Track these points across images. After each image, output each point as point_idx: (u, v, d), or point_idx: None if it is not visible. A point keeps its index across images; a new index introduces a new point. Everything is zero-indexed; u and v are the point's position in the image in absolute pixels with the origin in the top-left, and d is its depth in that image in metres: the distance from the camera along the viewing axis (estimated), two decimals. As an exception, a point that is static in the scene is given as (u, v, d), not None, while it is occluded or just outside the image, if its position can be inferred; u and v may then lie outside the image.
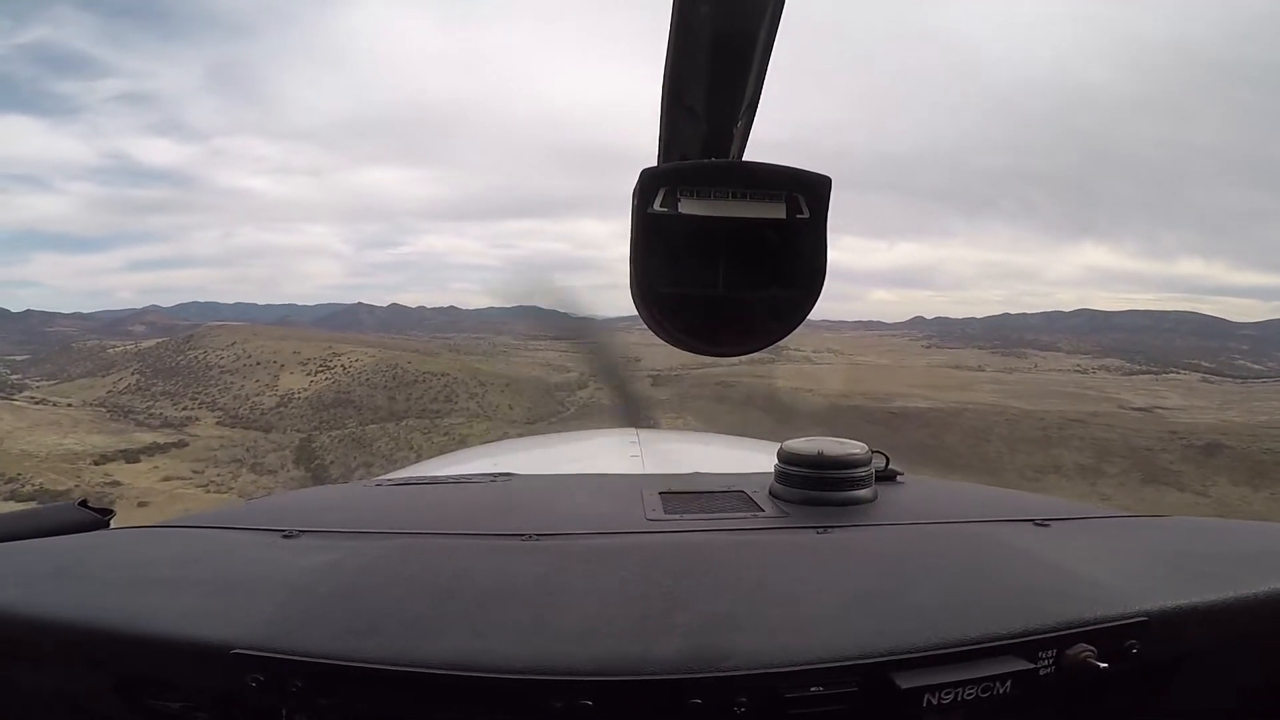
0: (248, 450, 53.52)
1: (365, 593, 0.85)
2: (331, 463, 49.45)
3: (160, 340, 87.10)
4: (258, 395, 67.89)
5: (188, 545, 1.07)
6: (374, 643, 0.73)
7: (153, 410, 67.38)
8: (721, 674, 0.70)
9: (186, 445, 54.95)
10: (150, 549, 1.05)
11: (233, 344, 76.36)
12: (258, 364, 72.25)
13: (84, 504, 1.17)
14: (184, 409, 67.25)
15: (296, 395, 67.22)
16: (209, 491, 44.69)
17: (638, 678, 0.69)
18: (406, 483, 1.58)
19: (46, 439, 54.63)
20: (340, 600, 0.83)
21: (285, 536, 1.06)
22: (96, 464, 49.25)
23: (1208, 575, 0.91)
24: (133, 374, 76.12)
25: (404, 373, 68.42)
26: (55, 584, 0.88)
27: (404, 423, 57.62)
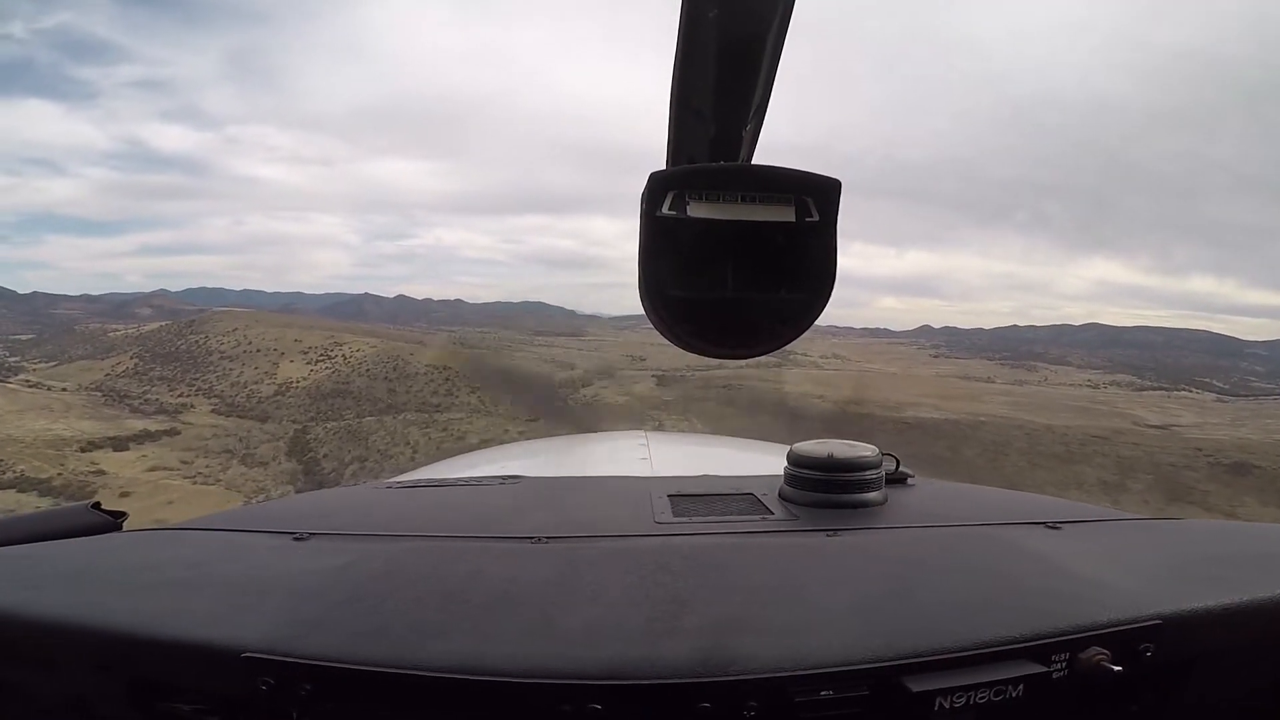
0: (240, 440, 51.73)
1: (375, 596, 0.85)
2: (325, 455, 47.65)
3: (163, 324, 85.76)
4: (256, 383, 66.26)
5: (199, 548, 1.07)
6: (383, 646, 0.73)
7: (148, 396, 65.81)
8: (731, 678, 0.69)
9: (178, 434, 53.20)
10: (161, 551, 1.05)
11: (234, 330, 74.85)
12: (258, 351, 70.63)
13: (96, 506, 1.18)
14: (180, 395, 65.65)
15: (295, 384, 65.57)
16: (195, 483, 42.90)
17: (647, 681, 0.69)
18: (416, 485, 1.55)
19: (35, 424, 53.01)
20: (350, 603, 0.83)
21: (296, 539, 1.06)
22: (83, 451, 47.55)
23: (1221, 578, 0.91)
24: (131, 358, 74.66)
25: (405, 364, 66.80)
26: (66, 587, 0.88)
27: (401, 416, 55.75)
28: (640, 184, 0.72)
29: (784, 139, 0.72)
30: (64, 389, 66.14)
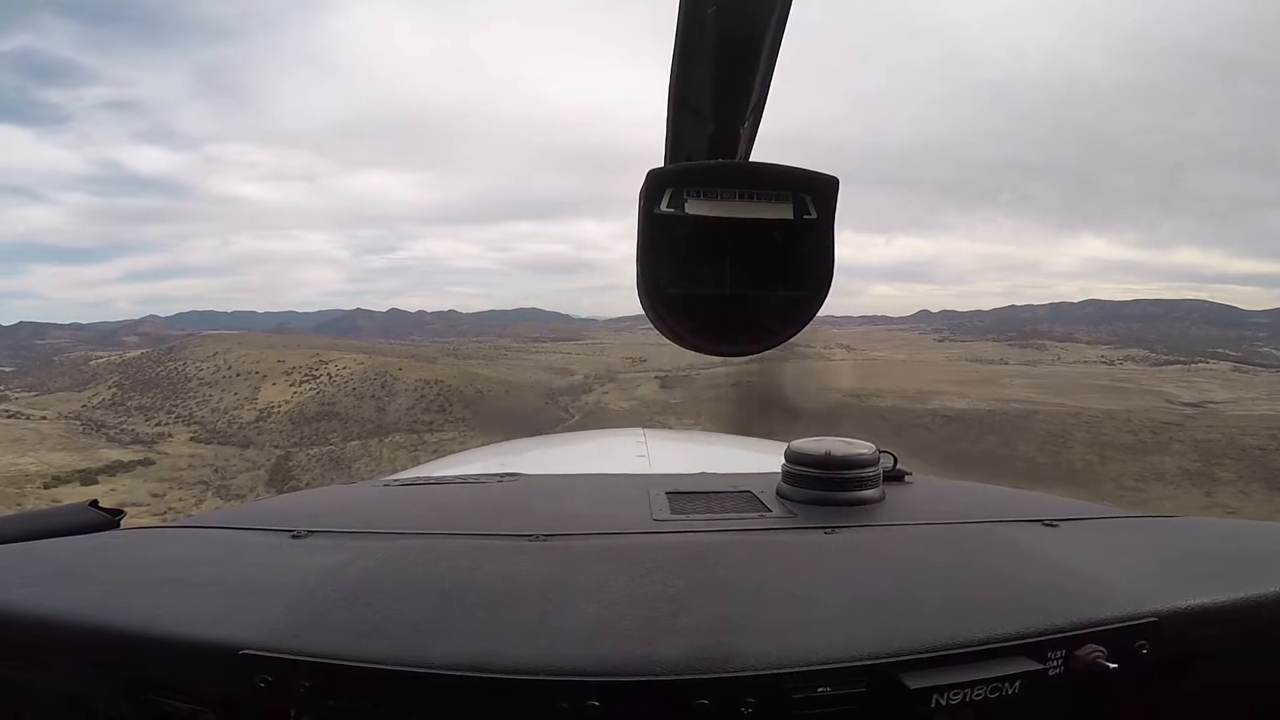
0: (216, 471, 46.87)
1: (373, 593, 0.84)
2: (307, 485, 42.68)
3: (145, 351, 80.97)
4: (236, 408, 61.16)
5: (197, 546, 1.06)
6: (381, 643, 0.73)
7: (125, 425, 60.78)
8: (728, 675, 0.69)
9: (152, 464, 48.22)
10: (159, 549, 1.04)
11: (215, 354, 69.85)
12: (238, 375, 65.54)
13: (94, 504, 1.17)
14: (158, 424, 60.62)
15: (277, 408, 60.40)
16: (165, 520, 37.96)
17: (645, 678, 0.68)
18: (414, 483, 1.55)
19: (2, 458, 48.17)
20: (348, 601, 0.82)
21: (294, 537, 1.05)
22: (46, 487, 42.50)
23: (1218, 575, 0.90)
24: (110, 387, 69.77)
25: (394, 381, 61.63)
26: (64, 585, 0.87)
27: (389, 439, 50.58)
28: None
29: (773, 130, 0.73)
30: (43, 417, 61.13)
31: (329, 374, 63.66)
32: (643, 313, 0.73)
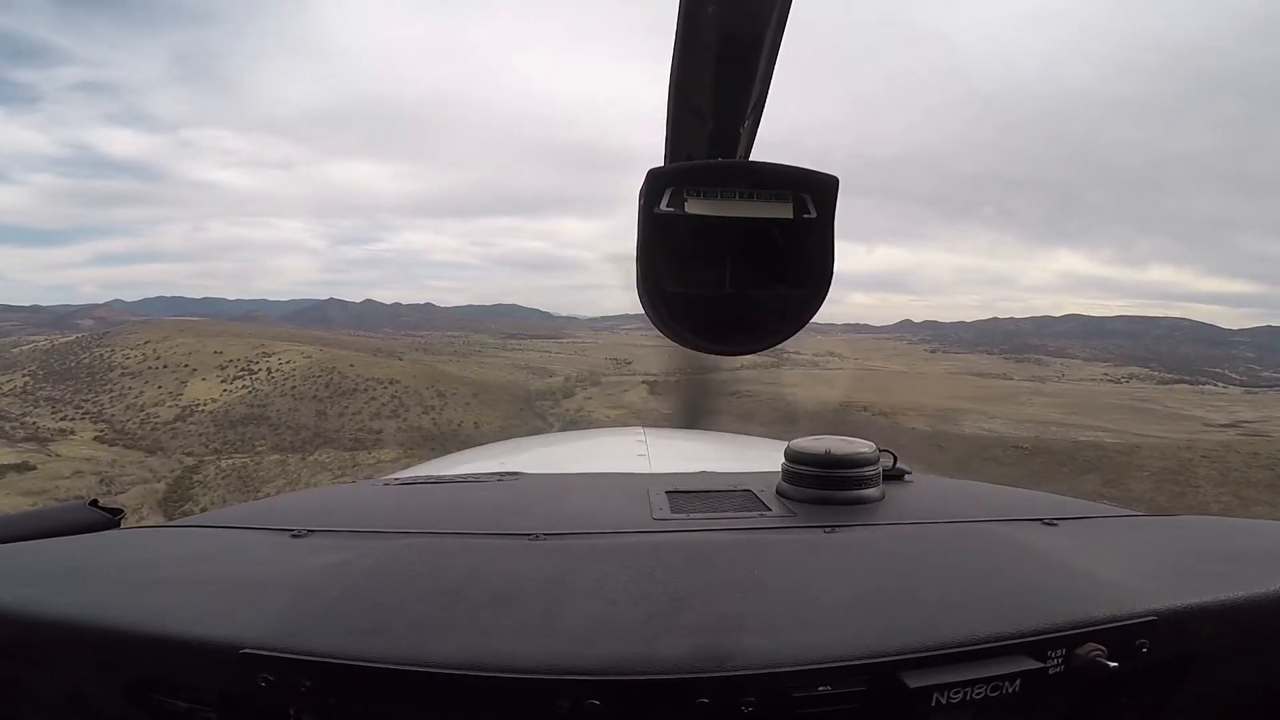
0: (104, 481, 37.00)
1: (374, 592, 0.82)
2: (202, 510, 33.05)
3: (78, 336, 70.31)
4: (157, 404, 51.18)
5: (197, 545, 1.04)
6: (382, 642, 0.71)
7: (26, 418, 50.46)
8: (729, 673, 0.68)
9: (32, 469, 38.25)
10: (160, 549, 1.02)
11: (146, 342, 59.65)
12: (166, 367, 55.46)
13: (94, 503, 1.15)
14: (63, 419, 50.43)
15: (202, 407, 50.43)
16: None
17: (645, 677, 0.67)
18: (414, 482, 1.51)
19: None
20: (349, 600, 0.80)
21: (294, 536, 1.03)
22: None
23: (1217, 574, 0.88)
24: (24, 375, 59.20)
25: (342, 379, 51.92)
26: (65, 584, 0.86)
27: (312, 457, 40.55)
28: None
29: (760, 133, 0.73)
30: (-57, 411, 50.58)
31: (268, 369, 53.73)
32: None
